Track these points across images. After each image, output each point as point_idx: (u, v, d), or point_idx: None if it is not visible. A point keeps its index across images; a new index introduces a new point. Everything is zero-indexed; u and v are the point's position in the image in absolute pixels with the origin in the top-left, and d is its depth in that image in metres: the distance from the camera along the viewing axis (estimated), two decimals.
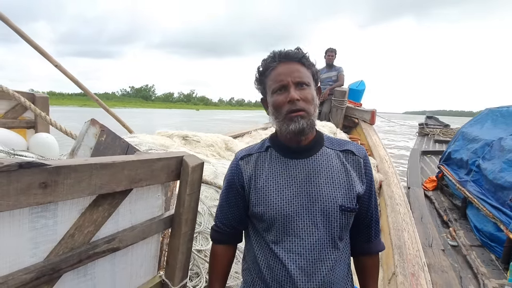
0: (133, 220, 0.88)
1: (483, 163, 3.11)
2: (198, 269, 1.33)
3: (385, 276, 2.29)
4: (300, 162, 0.84)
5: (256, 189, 0.84)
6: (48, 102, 1.86)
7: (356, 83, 5.66)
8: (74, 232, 0.73)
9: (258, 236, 0.87)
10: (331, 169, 0.83)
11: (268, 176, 0.84)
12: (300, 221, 0.80)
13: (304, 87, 0.81)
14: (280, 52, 0.83)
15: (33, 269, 0.65)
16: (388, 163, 3.71)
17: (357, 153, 0.87)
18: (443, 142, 7.47)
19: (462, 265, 2.43)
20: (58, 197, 0.64)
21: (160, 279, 1.02)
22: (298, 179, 0.82)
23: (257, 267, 0.86)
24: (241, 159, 0.89)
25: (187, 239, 0.96)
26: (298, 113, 0.79)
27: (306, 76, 0.82)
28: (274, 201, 0.81)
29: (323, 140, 0.89)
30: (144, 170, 0.80)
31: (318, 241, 0.79)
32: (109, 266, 0.86)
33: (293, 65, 0.82)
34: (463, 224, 3.16)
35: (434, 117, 11.44)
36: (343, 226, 0.82)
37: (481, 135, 3.56)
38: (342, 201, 0.80)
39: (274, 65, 0.82)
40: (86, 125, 1.09)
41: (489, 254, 2.60)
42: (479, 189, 3.02)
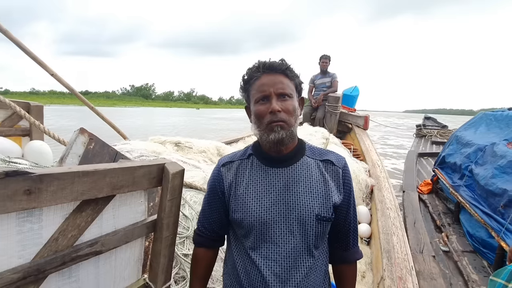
0: (116, 224, 0.93)
1: (475, 168, 3.09)
2: (184, 272, 1.37)
3: (374, 280, 2.32)
4: (280, 171, 0.86)
5: (236, 196, 0.87)
6: (43, 110, 1.92)
7: (350, 89, 5.74)
8: (58, 236, 0.78)
9: (237, 241, 0.90)
10: (309, 179, 0.85)
11: (248, 184, 0.87)
12: (277, 228, 0.82)
13: (286, 98, 0.82)
14: (264, 63, 0.85)
15: (20, 269, 0.70)
16: (380, 168, 3.76)
17: (336, 163, 0.89)
18: (440, 143, 7.41)
19: (453, 271, 2.41)
20: (42, 203, 0.70)
21: (144, 282, 1.06)
22: (277, 187, 0.84)
23: (235, 271, 0.88)
24: (223, 166, 0.92)
25: (169, 243, 1.01)
26: (278, 123, 0.81)
27: (288, 87, 0.84)
28: (253, 208, 0.84)
29: (304, 149, 0.90)
30: (126, 177, 0.85)
31: (294, 248, 0.81)
32: (93, 269, 0.91)
33: (276, 76, 0.84)
34: (456, 228, 3.15)
35: (432, 118, 11.22)
36: (319, 234, 0.83)
37: (474, 139, 3.54)
38: (318, 210, 0.82)
39: (258, 75, 0.85)
40: (75, 133, 1.15)
41: (481, 260, 2.57)
42: (472, 194, 3.00)
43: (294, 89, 0.87)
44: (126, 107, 59.92)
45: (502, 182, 2.58)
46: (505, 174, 2.63)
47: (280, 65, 0.85)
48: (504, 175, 2.63)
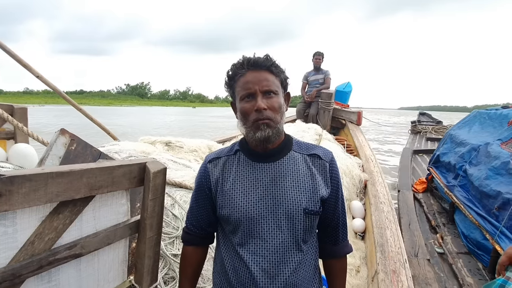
0: (97, 226, 0.90)
1: (469, 169, 3.05)
2: (174, 273, 1.35)
3: (369, 274, 2.33)
4: (267, 166, 0.86)
5: (222, 192, 0.86)
6: (27, 113, 1.88)
7: (343, 85, 5.74)
8: (34, 240, 0.75)
9: (225, 238, 0.89)
10: (297, 173, 0.85)
11: (235, 179, 0.86)
12: (265, 223, 0.81)
13: (271, 95, 0.81)
14: (249, 59, 0.83)
15: None
16: (373, 163, 3.77)
17: (324, 157, 0.89)
18: (435, 140, 7.42)
19: (448, 275, 2.39)
20: (14, 205, 0.67)
21: (130, 283, 1.04)
22: (264, 182, 0.84)
23: (223, 269, 0.87)
24: (209, 162, 0.91)
25: (154, 243, 0.99)
26: (264, 121, 0.81)
27: (274, 84, 0.83)
28: (240, 203, 0.83)
29: (291, 144, 0.90)
30: (104, 177, 0.83)
31: (282, 243, 0.81)
32: (75, 272, 0.88)
33: (261, 73, 0.82)
34: (451, 229, 3.12)
35: (427, 114, 11.23)
36: (307, 228, 0.83)
37: (468, 138, 3.50)
38: (306, 204, 0.82)
39: (243, 72, 0.83)
40: (56, 135, 1.12)
41: (476, 262, 2.55)
42: (466, 195, 2.96)
43: (280, 85, 0.85)
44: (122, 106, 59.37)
45: (496, 184, 2.54)
46: (499, 176, 2.58)
47: (265, 62, 0.83)
48: (498, 176, 2.59)
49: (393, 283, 1.83)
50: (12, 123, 1.64)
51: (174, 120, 24.49)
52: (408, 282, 1.83)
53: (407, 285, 1.81)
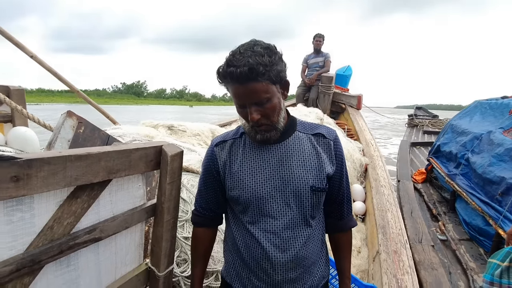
0: (114, 210, 0.88)
1: (472, 157, 3.09)
2: (185, 255, 1.36)
3: (370, 254, 2.39)
4: (273, 147, 0.87)
5: (231, 174, 0.88)
6: (24, 94, 1.80)
7: (343, 68, 5.66)
8: (53, 224, 0.73)
9: (236, 218, 0.91)
10: (302, 152, 0.87)
11: (242, 161, 0.87)
12: (274, 202, 0.84)
13: (263, 102, 0.78)
14: (231, 73, 0.75)
15: (12, 261, 0.66)
16: (373, 147, 3.79)
17: (328, 136, 0.90)
18: (432, 133, 7.56)
19: (451, 260, 2.46)
20: (32, 190, 0.64)
21: (146, 266, 1.04)
22: (271, 163, 0.86)
23: (235, 247, 0.90)
24: (216, 146, 0.92)
25: (171, 227, 0.97)
26: (262, 128, 0.82)
27: (263, 92, 0.77)
28: (249, 184, 0.85)
29: (295, 124, 0.91)
30: (121, 161, 0.80)
31: (291, 220, 0.84)
32: (93, 256, 0.87)
33: (247, 86, 0.76)
34: (452, 217, 3.19)
35: (423, 108, 11.53)
36: (315, 205, 0.86)
37: (470, 128, 3.53)
38: (313, 182, 0.84)
39: (229, 85, 0.79)
40: (63, 117, 1.07)
41: (477, 248, 2.62)
42: (468, 183, 3.01)
43: (272, 86, 0.79)
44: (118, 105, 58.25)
45: (500, 170, 2.58)
46: (502, 162, 2.63)
47: (247, 75, 0.74)
48: (501, 163, 2.63)
49: (395, 262, 1.88)
50: (10, 105, 1.57)
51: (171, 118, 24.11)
52: (409, 261, 1.89)
53: (408, 264, 1.86)
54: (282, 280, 0.84)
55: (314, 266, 0.90)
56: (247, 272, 0.88)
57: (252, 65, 0.73)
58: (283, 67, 0.81)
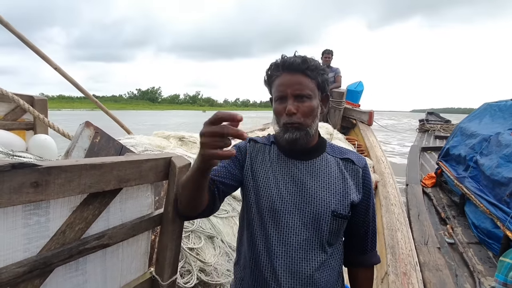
0: (123, 218, 0.92)
1: (480, 159, 3.07)
2: (189, 266, 1.37)
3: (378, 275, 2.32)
4: (299, 163, 0.86)
5: (254, 177, 0.86)
6: (47, 104, 1.91)
7: (354, 84, 5.68)
8: (65, 229, 0.77)
9: (249, 230, 0.88)
10: (328, 175, 0.85)
11: (267, 169, 0.87)
12: (290, 219, 0.81)
13: (304, 99, 0.81)
14: (284, 61, 0.82)
15: (26, 263, 0.69)
16: (384, 164, 3.74)
17: (357, 163, 0.88)
18: (443, 138, 7.33)
19: (458, 263, 2.41)
20: (49, 195, 0.69)
21: (150, 275, 1.06)
22: (295, 179, 0.84)
23: (246, 262, 0.88)
24: (249, 142, 0.93)
25: (176, 237, 1.00)
26: (293, 125, 0.81)
27: (307, 87, 0.81)
28: (269, 193, 0.83)
29: (325, 146, 0.91)
30: (132, 171, 0.84)
31: (305, 241, 0.80)
32: (100, 262, 0.90)
33: (295, 76, 0.81)
34: (461, 221, 3.13)
35: (435, 113, 11.25)
36: (333, 231, 0.82)
37: (479, 130, 3.51)
38: (335, 207, 0.81)
39: (278, 74, 0.84)
40: (81, 127, 1.14)
41: (486, 252, 2.57)
42: (477, 185, 2.98)
43: (315, 88, 0.84)
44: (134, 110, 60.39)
45: (508, 171, 2.56)
46: (510, 163, 2.60)
47: (299, 65, 0.81)
48: (509, 164, 2.60)
49: (404, 285, 1.82)
50: (33, 114, 1.67)
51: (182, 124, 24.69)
52: (419, 284, 1.83)
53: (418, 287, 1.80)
54: None
55: None
56: None
57: (306, 59, 0.82)
58: (328, 82, 0.88)
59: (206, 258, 1.44)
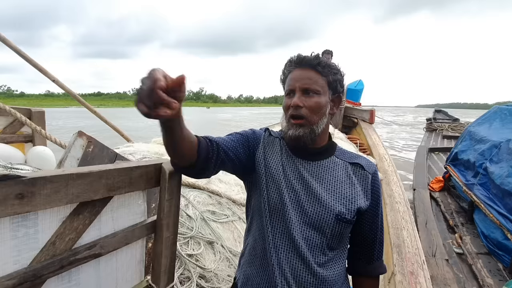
0: (115, 226, 0.91)
1: (490, 166, 2.97)
2: (189, 273, 1.35)
3: (385, 275, 2.27)
4: (306, 163, 0.85)
5: (266, 166, 0.85)
6: (44, 116, 1.92)
7: (354, 82, 5.65)
8: (55, 240, 0.76)
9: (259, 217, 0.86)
10: (334, 178, 0.83)
11: (278, 161, 0.85)
12: (294, 215, 0.80)
13: (311, 95, 0.80)
14: (296, 57, 0.84)
15: (15, 275, 0.69)
16: (387, 162, 3.69)
17: (367, 169, 0.86)
18: (452, 138, 7.17)
19: (467, 275, 2.33)
20: (36, 207, 0.68)
21: (147, 283, 1.05)
22: (301, 177, 0.82)
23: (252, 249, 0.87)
24: (265, 132, 0.93)
25: (170, 243, 0.99)
26: (298, 121, 0.80)
27: (316, 83, 0.81)
28: (280, 185, 0.82)
29: (334, 150, 0.89)
30: (122, 178, 0.83)
31: (307, 239, 0.79)
32: (94, 271, 0.89)
33: (305, 71, 0.82)
34: (470, 229, 3.04)
35: (443, 111, 10.93)
36: (336, 234, 0.80)
37: (488, 135, 3.41)
38: (339, 211, 0.79)
39: (291, 69, 0.85)
40: (74, 137, 1.14)
41: (496, 263, 2.48)
42: (486, 193, 2.89)
43: (326, 86, 0.83)
44: None
45: None
46: None
47: (310, 60, 0.82)
48: None
49: (411, 284, 1.78)
50: (30, 126, 1.69)
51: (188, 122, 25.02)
52: (426, 283, 1.78)
53: (425, 286, 1.75)
54: None
55: None
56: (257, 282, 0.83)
57: (319, 56, 0.83)
58: (342, 83, 0.87)
59: (206, 264, 1.42)
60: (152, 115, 0.57)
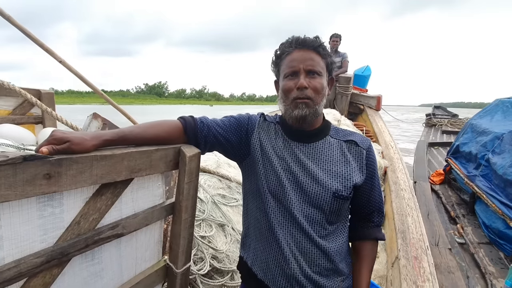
0: (135, 208, 0.92)
1: (492, 157, 2.99)
2: (202, 254, 1.39)
3: (388, 260, 2.33)
4: (301, 146, 0.87)
5: (262, 150, 0.88)
6: (54, 97, 1.91)
7: (361, 68, 5.55)
8: (80, 220, 0.77)
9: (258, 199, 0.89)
10: (329, 158, 0.86)
11: (274, 145, 0.88)
12: (294, 195, 0.83)
13: (315, 76, 0.83)
14: (297, 38, 0.84)
15: (43, 253, 0.71)
16: (393, 149, 3.68)
17: (361, 144, 0.89)
18: (451, 133, 7.18)
19: (469, 264, 2.39)
20: (62, 187, 0.69)
21: (164, 263, 1.07)
22: (297, 160, 0.86)
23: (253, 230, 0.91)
24: (261, 117, 0.95)
25: (188, 225, 1.00)
26: (304, 101, 0.82)
27: (319, 65, 0.83)
28: (277, 168, 0.85)
29: (329, 130, 0.91)
30: (143, 161, 0.84)
31: (307, 217, 0.83)
32: (115, 251, 0.92)
33: (308, 53, 0.83)
34: (471, 220, 3.09)
35: (442, 107, 11.00)
36: (333, 210, 0.84)
37: (490, 127, 3.41)
38: (336, 188, 0.83)
39: (290, 51, 0.84)
40: (89, 118, 1.14)
41: (497, 252, 2.53)
42: (488, 184, 2.92)
43: (325, 68, 0.85)
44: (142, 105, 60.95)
45: None
46: None
47: (313, 42, 0.83)
48: None
49: (415, 269, 1.82)
50: (40, 107, 1.68)
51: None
52: (430, 268, 1.82)
53: (429, 271, 1.80)
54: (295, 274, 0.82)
55: (333, 273, 0.86)
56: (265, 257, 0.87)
57: (318, 37, 0.84)
58: (334, 66, 0.90)
59: (217, 246, 1.46)
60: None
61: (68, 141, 0.67)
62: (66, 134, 0.68)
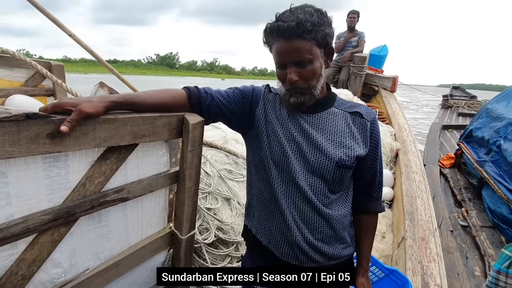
0: (140, 174, 0.94)
1: (504, 144, 2.91)
2: (207, 224, 1.42)
3: (394, 240, 2.32)
4: (306, 116, 0.86)
5: (266, 121, 0.88)
6: (64, 70, 1.92)
7: (378, 48, 5.30)
8: (85, 182, 0.79)
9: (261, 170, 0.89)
10: (333, 128, 0.85)
11: (278, 116, 0.88)
12: (298, 164, 0.83)
13: (304, 64, 0.78)
14: (278, 26, 0.76)
15: (50, 211, 0.73)
16: (407, 132, 3.58)
17: (365, 116, 0.88)
18: (467, 115, 6.79)
19: (470, 246, 2.39)
20: (66, 147, 0.70)
21: (170, 230, 1.10)
22: (302, 130, 0.85)
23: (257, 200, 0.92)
24: (266, 88, 0.94)
25: (192, 194, 1.01)
26: (297, 90, 0.81)
27: (306, 52, 0.77)
28: (281, 138, 0.85)
29: (334, 101, 0.90)
30: (146, 127, 0.84)
31: (311, 185, 0.83)
32: (122, 215, 0.94)
33: (292, 42, 0.76)
34: (476, 204, 3.07)
35: (460, 88, 10.40)
36: (336, 179, 0.84)
37: (506, 113, 3.29)
38: (340, 157, 0.83)
39: (274, 40, 0.80)
40: (95, 87, 1.14)
41: (499, 236, 2.53)
42: (497, 170, 2.89)
43: (316, 47, 0.79)
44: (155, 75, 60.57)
45: None
46: None
47: (294, 29, 0.74)
48: None
49: (421, 249, 1.81)
50: (51, 79, 1.69)
51: None
52: (437, 249, 1.81)
53: (435, 252, 1.79)
54: (298, 241, 0.83)
55: (335, 241, 0.88)
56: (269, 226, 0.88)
57: (301, 20, 0.74)
58: (331, 33, 0.81)
59: (223, 218, 1.48)
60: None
61: (77, 104, 0.67)
62: (72, 99, 0.70)
